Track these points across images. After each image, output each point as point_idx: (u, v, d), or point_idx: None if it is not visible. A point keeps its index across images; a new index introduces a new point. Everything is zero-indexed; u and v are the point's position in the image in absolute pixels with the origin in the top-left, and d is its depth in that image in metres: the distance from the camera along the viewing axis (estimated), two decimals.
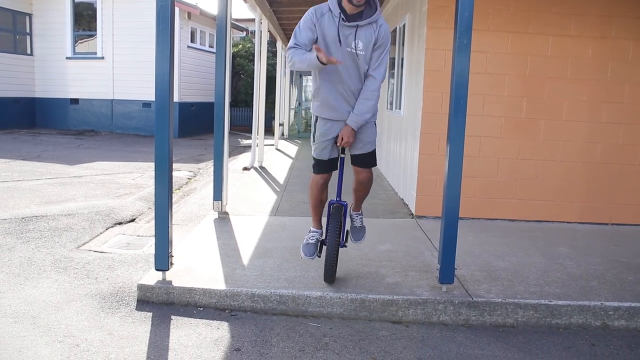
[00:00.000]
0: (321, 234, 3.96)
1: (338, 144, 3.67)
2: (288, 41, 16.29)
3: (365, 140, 3.78)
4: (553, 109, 6.10)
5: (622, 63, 6.03)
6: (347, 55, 3.42)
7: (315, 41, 3.43)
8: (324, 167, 3.82)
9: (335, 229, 3.76)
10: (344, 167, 3.88)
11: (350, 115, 3.59)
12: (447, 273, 3.89)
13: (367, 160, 3.82)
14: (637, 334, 3.77)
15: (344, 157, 3.84)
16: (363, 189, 3.97)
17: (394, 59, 8.53)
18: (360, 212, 4.21)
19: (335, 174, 3.91)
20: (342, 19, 3.35)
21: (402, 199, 7.23)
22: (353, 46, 3.39)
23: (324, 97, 3.61)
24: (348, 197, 4.03)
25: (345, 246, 4.09)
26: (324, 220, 4.04)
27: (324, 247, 3.90)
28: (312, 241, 3.93)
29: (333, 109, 3.62)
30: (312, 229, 4.02)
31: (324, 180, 3.84)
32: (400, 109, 7.70)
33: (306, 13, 3.47)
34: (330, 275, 3.89)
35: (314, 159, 3.86)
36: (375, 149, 3.86)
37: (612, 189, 6.24)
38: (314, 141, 3.80)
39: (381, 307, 3.81)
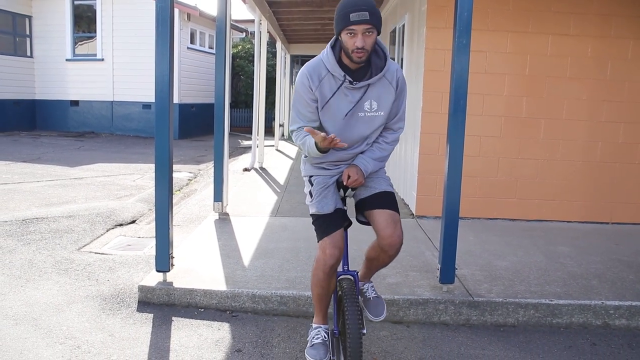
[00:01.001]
0: (327, 329, 2.96)
1: (346, 183, 2.76)
2: (287, 42, 16.20)
3: (374, 185, 2.91)
4: (553, 108, 6.10)
5: (622, 62, 6.03)
6: (357, 121, 2.73)
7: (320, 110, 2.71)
8: (332, 222, 2.79)
9: (355, 313, 2.63)
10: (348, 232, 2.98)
11: (359, 157, 2.83)
12: (447, 273, 3.89)
13: (389, 198, 2.88)
14: (638, 332, 3.77)
15: (345, 210, 2.92)
16: (387, 260, 2.93)
17: (393, 59, 8.53)
18: (370, 282, 3.23)
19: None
20: (349, 81, 2.63)
21: (403, 199, 7.23)
22: (365, 109, 2.70)
23: (325, 162, 2.88)
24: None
25: (364, 333, 2.72)
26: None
27: (344, 341, 2.74)
28: (319, 341, 2.88)
29: (331, 170, 2.91)
30: (315, 324, 2.97)
31: (337, 250, 2.75)
32: None
33: (299, 78, 2.70)
34: None
35: (315, 216, 2.85)
36: (393, 190, 2.99)
37: (612, 187, 6.24)
38: (311, 198, 2.88)
39: None
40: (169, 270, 3.99)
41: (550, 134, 6.15)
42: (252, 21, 10.80)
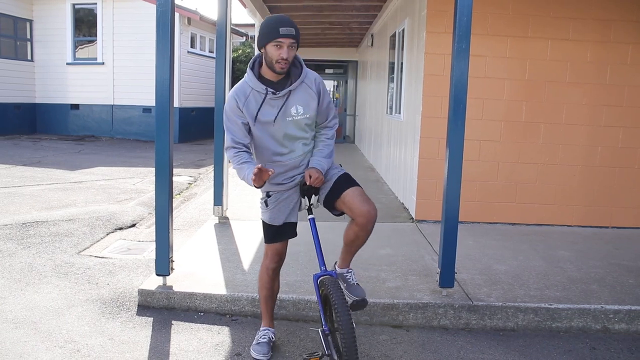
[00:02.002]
0: (274, 333, 3.29)
1: (308, 183, 2.95)
2: None
3: (330, 175, 3.12)
4: (552, 112, 6.12)
5: (621, 66, 6.05)
6: (287, 126, 2.96)
7: (249, 129, 2.97)
8: (278, 234, 3.15)
9: (345, 309, 2.70)
10: (317, 228, 3.06)
11: (312, 159, 3.06)
12: (447, 277, 3.89)
13: (348, 178, 3.11)
14: (638, 337, 3.77)
15: (314, 218, 3.07)
16: (364, 236, 3.07)
17: (393, 63, 8.55)
18: (350, 268, 3.35)
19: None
20: (272, 92, 2.89)
21: (402, 203, 7.23)
22: (292, 113, 2.94)
23: (276, 178, 3.06)
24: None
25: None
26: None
27: (338, 339, 2.80)
28: (265, 340, 3.23)
29: (286, 185, 3.11)
30: (263, 327, 3.31)
31: (279, 257, 3.18)
32: (400, 113, 7.71)
33: (227, 102, 2.97)
34: None
35: (263, 224, 3.20)
36: (347, 172, 3.18)
37: (612, 192, 6.25)
38: (266, 206, 3.14)
39: (382, 311, 3.81)
40: (168, 274, 4.00)
41: (550, 138, 6.16)
42: (253, 25, 10.84)
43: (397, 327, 3.77)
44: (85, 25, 17.45)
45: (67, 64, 17.22)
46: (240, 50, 22.82)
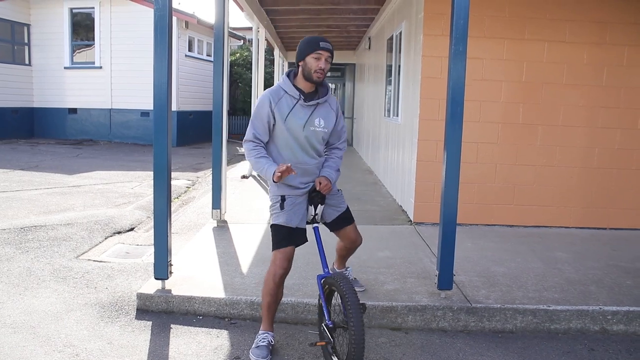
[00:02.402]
0: (273, 337, 3.35)
1: (318, 188, 3.29)
2: (285, 49, 16.22)
3: (337, 204, 3.53)
4: (550, 114, 6.14)
5: (618, 68, 6.08)
6: (310, 134, 3.30)
7: (272, 127, 3.28)
8: (290, 237, 3.27)
9: (357, 306, 2.84)
10: (320, 236, 3.33)
11: (323, 170, 3.43)
12: (445, 279, 3.90)
13: (348, 216, 3.57)
14: (636, 338, 3.78)
15: (317, 227, 3.38)
16: (354, 249, 3.72)
17: (390, 66, 8.57)
18: (347, 266, 4.04)
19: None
20: (302, 99, 3.27)
21: (401, 206, 7.24)
22: (315, 124, 3.31)
23: (290, 180, 3.31)
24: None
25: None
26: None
27: (348, 330, 2.90)
28: (264, 344, 3.26)
29: (301, 189, 3.38)
30: (262, 331, 3.35)
31: (288, 262, 3.25)
32: (397, 116, 7.73)
33: (260, 98, 3.29)
34: None
35: (277, 227, 3.30)
36: (347, 206, 3.61)
37: (609, 193, 6.26)
38: (280, 209, 3.31)
39: (380, 313, 3.81)
40: (167, 278, 4.00)
41: (547, 140, 6.17)
42: (250, 29, 10.84)
43: (395, 330, 3.78)
44: (82, 29, 17.46)
45: (65, 68, 17.23)
46: (238, 54, 22.85)
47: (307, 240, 3.34)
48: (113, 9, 16.63)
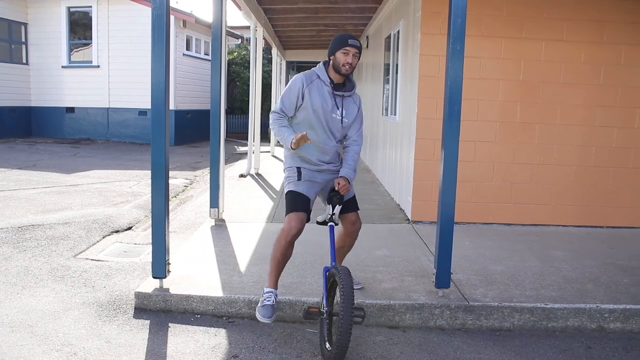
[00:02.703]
0: (277, 295, 3.57)
1: (337, 188, 3.55)
2: (283, 48, 16.18)
3: (350, 190, 3.80)
4: (547, 113, 6.15)
5: (615, 67, 6.09)
6: (333, 120, 3.63)
7: (299, 107, 3.61)
8: (303, 203, 3.57)
9: (350, 296, 3.04)
10: (334, 233, 3.59)
11: (342, 170, 3.69)
12: (443, 277, 3.90)
13: (355, 202, 3.81)
14: (633, 336, 3.80)
15: (333, 226, 3.57)
16: (352, 242, 3.87)
17: (388, 65, 8.57)
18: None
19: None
20: (332, 86, 3.61)
21: (398, 204, 7.25)
22: (339, 113, 3.63)
23: (309, 154, 3.65)
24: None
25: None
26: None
27: (337, 322, 3.10)
28: (270, 302, 3.48)
29: (316, 164, 3.69)
30: (267, 289, 3.56)
31: (301, 224, 3.50)
32: (395, 114, 7.73)
33: (295, 78, 3.64)
34: (343, 358, 3.09)
35: (292, 193, 3.60)
36: (354, 195, 3.85)
37: (606, 192, 6.28)
38: (298, 179, 3.63)
39: (378, 312, 3.82)
40: (165, 277, 4.00)
41: (545, 139, 6.19)
42: (248, 28, 10.84)
43: (393, 328, 3.78)
44: (80, 28, 17.42)
45: (63, 67, 17.19)
46: (236, 53, 22.82)
47: (309, 219, 3.58)
48: (110, 7, 16.59)
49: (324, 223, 3.61)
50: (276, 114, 3.66)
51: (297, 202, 3.55)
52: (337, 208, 3.55)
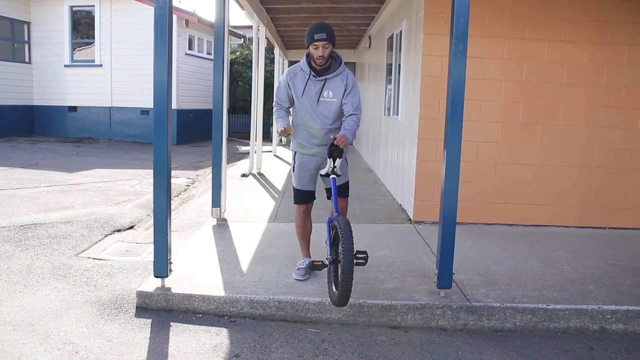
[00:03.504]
0: (310, 260, 4.18)
1: (335, 143, 3.84)
2: (285, 48, 16.23)
3: (343, 170, 4.14)
4: (550, 113, 6.14)
5: (618, 68, 6.07)
6: (318, 104, 4.03)
7: (291, 97, 4.12)
8: (303, 197, 4.27)
9: (350, 242, 3.42)
10: (336, 185, 3.90)
11: (342, 129, 3.98)
12: (445, 278, 3.90)
13: (344, 190, 4.21)
14: (635, 337, 3.79)
15: (335, 178, 3.91)
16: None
17: (390, 65, 8.57)
18: None
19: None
20: (313, 75, 4.00)
21: (400, 205, 7.24)
22: (325, 96, 4.02)
23: (302, 139, 4.17)
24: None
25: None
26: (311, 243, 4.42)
27: (339, 267, 3.51)
28: (303, 266, 4.26)
29: (307, 147, 4.17)
30: (301, 258, 4.37)
31: (306, 207, 4.29)
32: (397, 115, 7.73)
33: (283, 76, 4.16)
34: (346, 299, 3.47)
35: (294, 189, 4.29)
36: (348, 181, 4.26)
37: (609, 193, 6.27)
38: (294, 171, 4.27)
39: (380, 312, 3.82)
40: (167, 276, 4.00)
41: (547, 139, 6.18)
42: (250, 27, 10.84)
43: (395, 328, 3.78)
44: (82, 27, 17.45)
45: (65, 66, 17.22)
46: (238, 52, 22.82)
47: (315, 198, 4.28)
48: (113, 7, 16.62)
49: (326, 175, 3.99)
50: (275, 105, 4.23)
51: (299, 197, 4.28)
52: (338, 161, 3.88)
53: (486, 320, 3.82)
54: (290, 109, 4.25)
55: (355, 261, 3.45)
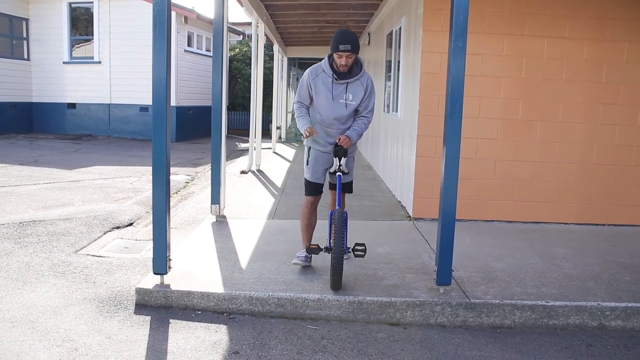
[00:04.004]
0: (308, 246, 4.31)
1: (339, 143, 4.15)
2: (284, 44, 16.19)
3: (349, 167, 4.36)
4: (549, 110, 6.13)
5: (618, 64, 6.07)
6: (338, 105, 4.18)
7: (312, 96, 4.24)
8: (314, 189, 4.40)
9: (341, 233, 3.85)
10: (341, 182, 4.17)
11: (347, 131, 4.23)
12: (444, 275, 3.90)
13: (348, 187, 4.43)
14: (634, 334, 3.79)
15: (340, 175, 4.18)
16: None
17: (390, 62, 8.55)
18: None
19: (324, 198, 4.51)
20: (335, 78, 4.13)
21: (400, 202, 7.24)
22: (344, 98, 4.17)
23: (318, 137, 4.29)
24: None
25: (349, 252, 4.21)
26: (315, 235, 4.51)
27: (330, 255, 3.95)
28: (303, 255, 4.42)
29: (322, 145, 4.32)
30: (302, 249, 4.51)
31: (315, 199, 4.42)
32: (397, 111, 7.72)
33: (305, 74, 4.26)
34: (338, 283, 3.90)
35: (306, 181, 4.43)
36: (352, 180, 4.49)
37: (608, 189, 6.27)
38: (307, 164, 4.41)
39: (379, 309, 3.82)
40: (166, 273, 4.00)
41: (547, 136, 6.17)
42: (250, 24, 10.82)
43: (394, 325, 3.78)
44: (81, 24, 17.41)
45: (64, 62, 17.18)
46: (237, 49, 22.79)
47: (322, 192, 4.41)
48: (112, 3, 16.57)
49: (334, 173, 4.24)
50: (297, 103, 4.31)
51: (309, 189, 4.41)
52: (343, 160, 4.17)
53: (485, 317, 3.82)
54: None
55: (355, 253, 4.03)
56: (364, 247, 4.04)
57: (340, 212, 3.94)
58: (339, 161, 4.18)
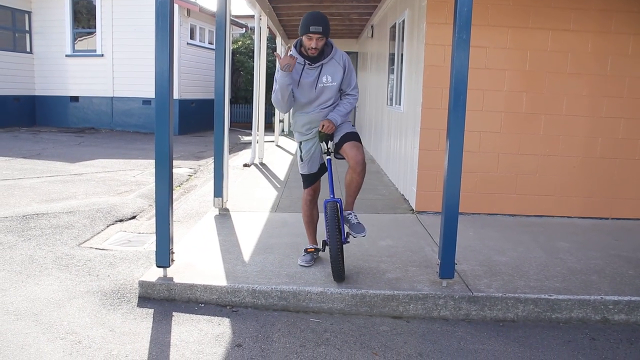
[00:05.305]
0: (316, 247, 4.33)
1: (321, 130, 4.04)
2: (288, 38, 16.17)
3: (344, 128, 4.17)
4: (553, 103, 6.10)
5: (622, 57, 6.03)
6: (317, 90, 4.07)
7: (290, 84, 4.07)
8: (313, 178, 4.35)
9: (334, 226, 3.85)
10: (332, 167, 4.15)
11: (330, 114, 4.11)
12: (447, 268, 3.90)
13: (352, 135, 4.12)
14: (637, 327, 3.79)
15: (330, 159, 4.14)
16: (357, 178, 4.03)
17: (393, 54, 8.52)
18: (353, 211, 4.21)
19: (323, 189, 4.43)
20: (308, 63, 4.02)
21: (403, 195, 7.23)
22: (324, 81, 4.06)
23: (301, 126, 4.24)
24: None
25: (348, 242, 4.09)
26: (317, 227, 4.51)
27: (327, 247, 3.96)
28: (307, 257, 4.37)
29: (306, 135, 4.26)
30: (307, 246, 4.45)
31: (314, 191, 4.37)
32: (400, 104, 7.70)
33: (277, 66, 4.09)
34: (339, 274, 3.91)
35: (303, 176, 4.38)
36: (356, 131, 4.23)
37: (612, 183, 6.24)
38: (301, 160, 4.32)
39: (382, 302, 3.82)
40: (169, 266, 4.00)
41: (550, 129, 6.15)
42: (252, 17, 10.80)
43: (397, 318, 3.79)
44: (84, 16, 17.38)
45: (67, 55, 17.17)
46: (240, 42, 22.74)
47: (319, 180, 4.36)
48: None
49: (327, 154, 4.17)
50: (274, 93, 4.17)
51: (305, 181, 4.38)
52: (330, 143, 4.09)
53: (488, 311, 3.82)
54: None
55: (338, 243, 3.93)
56: (363, 235, 4.06)
57: (332, 204, 3.91)
58: (327, 145, 4.10)
